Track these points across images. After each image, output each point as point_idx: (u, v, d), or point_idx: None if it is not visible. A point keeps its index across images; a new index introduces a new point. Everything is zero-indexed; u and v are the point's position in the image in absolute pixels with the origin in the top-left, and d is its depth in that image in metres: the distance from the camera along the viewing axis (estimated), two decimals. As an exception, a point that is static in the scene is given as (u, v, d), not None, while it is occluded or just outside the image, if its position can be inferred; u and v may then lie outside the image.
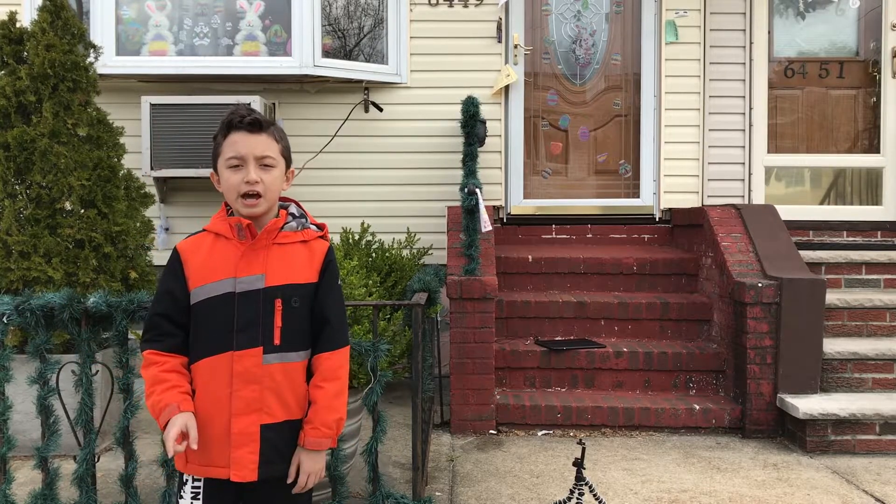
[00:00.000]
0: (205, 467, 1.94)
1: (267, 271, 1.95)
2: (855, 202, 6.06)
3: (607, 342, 4.86)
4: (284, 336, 1.95)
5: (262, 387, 1.92)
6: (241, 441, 1.91)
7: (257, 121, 1.95)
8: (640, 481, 3.68)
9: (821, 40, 6.09)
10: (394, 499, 3.02)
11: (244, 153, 1.93)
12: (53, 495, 2.90)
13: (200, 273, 1.96)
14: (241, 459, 1.91)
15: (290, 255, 1.99)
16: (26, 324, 2.88)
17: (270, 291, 1.94)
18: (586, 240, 5.90)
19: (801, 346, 4.32)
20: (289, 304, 1.96)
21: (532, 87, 6.05)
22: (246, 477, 1.92)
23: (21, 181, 4.02)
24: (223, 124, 1.97)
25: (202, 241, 2.01)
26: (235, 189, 1.93)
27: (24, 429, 3.66)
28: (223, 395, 1.92)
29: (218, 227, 2.00)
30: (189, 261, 1.98)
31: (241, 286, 1.93)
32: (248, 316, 1.93)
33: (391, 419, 4.27)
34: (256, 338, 1.93)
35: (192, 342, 1.97)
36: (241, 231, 1.96)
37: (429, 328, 3.87)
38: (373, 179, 5.74)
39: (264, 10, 5.49)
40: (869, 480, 3.72)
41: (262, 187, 1.93)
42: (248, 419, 1.91)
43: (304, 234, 2.04)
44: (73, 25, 4.17)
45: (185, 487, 1.97)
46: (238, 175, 1.93)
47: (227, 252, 1.96)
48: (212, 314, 1.94)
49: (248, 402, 1.91)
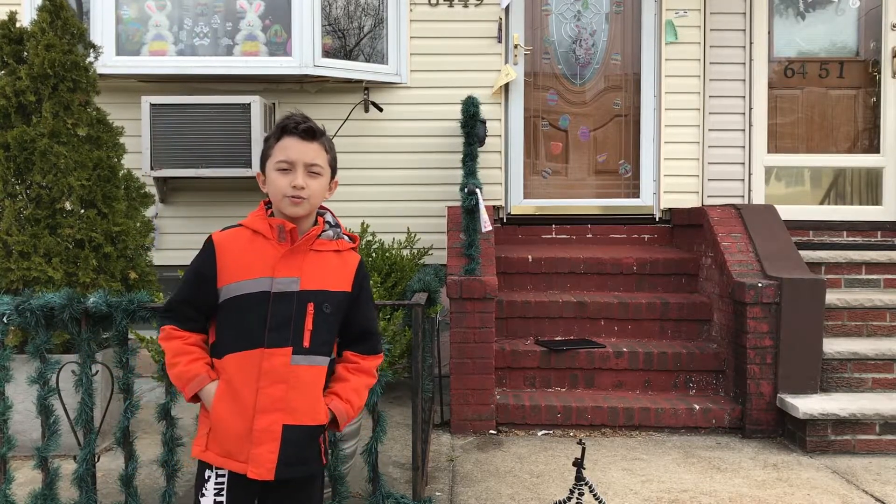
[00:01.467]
0: (223, 458, 1.96)
1: (303, 275, 1.99)
2: (855, 202, 6.06)
3: (607, 342, 4.86)
4: (313, 340, 1.99)
5: (289, 386, 1.96)
6: (262, 438, 1.94)
7: (311, 129, 2.02)
8: (640, 481, 3.68)
9: (821, 40, 6.09)
10: (394, 499, 3.02)
11: (295, 158, 1.98)
12: (53, 495, 2.90)
13: (236, 268, 1.98)
14: (260, 457, 1.93)
15: (324, 263, 2.04)
16: (26, 324, 2.88)
17: (304, 295, 1.99)
18: (586, 240, 5.90)
19: (801, 346, 4.32)
20: (320, 309, 2.00)
21: (532, 87, 6.05)
22: (263, 475, 1.93)
23: (21, 181, 4.02)
24: (278, 128, 2.02)
25: (239, 235, 2.03)
26: (282, 191, 1.98)
27: (24, 429, 3.66)
28: (249, 391, 1.95)
29: (257, 225, 2.03)
30: (224, 254, 2.00)
31: (277, 286, 1.97)
32: (281, 316, 1.96)
33: (391, 419, 4.27)
34: (287, 338, 1.96)
35: (221, 336, 2.01)
36: (283, 233, 1.99)
37: (429, 328, 3.87)
38: (373, 179, 5.74)
39: (264, 9, 5.49)
40: (869, 480, 3.72)
41: (307, 193, 1.98)
42: (272, 417, 1.94)
43: (338, 244, 2.09)
44: (73, 25, 4.16)
45: (209, 484, 1.99)
46: (286, 178, 1.98)
47: (266, 251, 1.99)
48: (245, 310, 1.97)
49: (273, 401, 1.94)
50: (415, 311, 3.12)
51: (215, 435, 1.97)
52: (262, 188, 2.06)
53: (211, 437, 1.98)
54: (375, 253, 4.76)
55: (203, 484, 2.00)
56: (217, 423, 1.96)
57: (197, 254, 2.05)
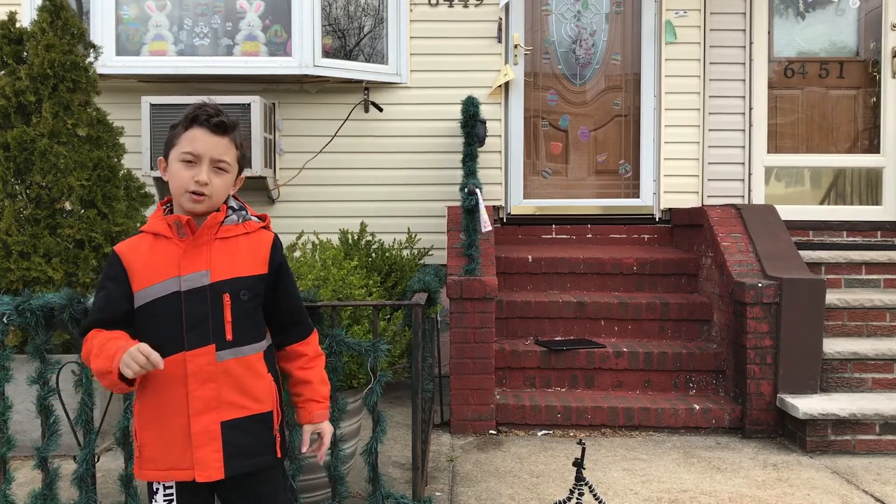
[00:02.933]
0: (168, 471, 1.89)
1: (212, 266, 1.90)
2: (855, 202, 6.06)
3: (607, 342, 4.86)
4: (236, 331, 1.91)
5: (219, 384, 1.89)
6: (202, 441, 1.87)
7: (223, 123, 1.91)
8: (640, 481, 3.68)
9: (821, 40, 6.09)
10: (394, 499, 3.02)
11: (202, 152, 1.89)
12: (53, 495, 2.90)
13: (143, 275, 1.90)
14: (205, 459, 1.87)
15: (233, 249, 1.94)
16: (26, 324, 2.88)
17: (217, 287, 1.90)
18: (586, 240, 5.90)
19: (801, 346, 4.32)
20: (237, 297, 1.92)
21: (532, 87, 6.05)
22: (212, 476, 1.88)
23: (21, 181, 4.02)
24: (186, 117, 1.91)
25: (141, 242, 1.94)
26: (184, 185, 1.88)
27: (24, 429, 3.66)
28: (179, 397, 1.87)
29: (156, 227, 1.94)
30: (130, 263, 1.91)
31: (186, 284, 1.88)
32: (196, 314, 1.88)
33: (391, 419, 4.27)
34: (207, 335, 1.88)
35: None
36: (181, 228, 1.91)
37: (429, 328, 3.87)
38: (373, 179, 5.74)
39: (264, 10, 5.49)
40: (869, 480, 3.72)
41: (209, 189, 1.89)
42: (208, 417, 1.88)
43: (245, 227, 1.98)
44: (73, 25, 4.17)
45: (157, 496, 1.92)
46: (190, 171, 1.88)
47: (169, 251, 1.90)
48: (159, 316, 1.89)
49: (205, 401, 1.88)
50: (415, 311, 3.12)
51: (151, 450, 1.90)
52: (164, 176, 1.95)
53: (146, 456, 1.90)
54: (375, 253, 4.75)
55: (152, 497, 1.94)
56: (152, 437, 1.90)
57: (104, 270, 1.97)
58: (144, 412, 1.92)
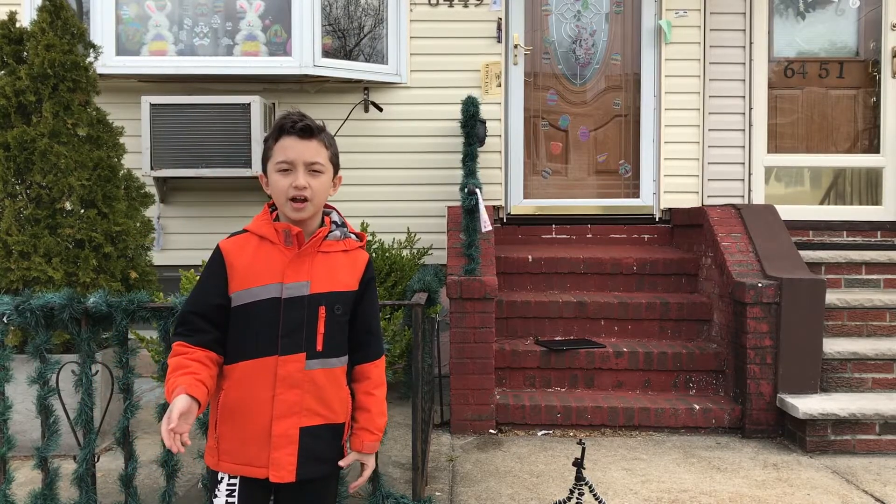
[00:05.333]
0: (241, 466, 1.96)
1: (312, 278, 1.98)
2: (855, 202, 6.06)
3: (607, 342, 4.86)
4: (326, 342, 1.99)
5: (304, 391, 1.95)
6: (281, 443, 1.94)
7: (308, 127, 1.98)
8: (640, 481, 3.68)
9: (820, 40, 6.09)
10: (394, 499, 3.02)
11: (294, 158, 1.96)
12: (53, 495, 2.90)
13: (245, 275, 1.96)
14: (280, 460, 1.94)
15: (333, 264, 2.02)
16: (26, 324, 2.88)
17: (315, 298, 1.97)
18: (586, 240, 5.90)
19: (801, 346, 4.32)
20: (332, 311, 2.00)
21: (532, 87, 6.05)
22: (284, 478, 1.94)
23: (21, 181, 4.02)
24: (275, 128, 1.99)
25: (247, 242, 2.01)
26: (284, 193, 1.96)
27: (24, 429, 3.65)
28: (265, 398, 1.94)
29: (263, 230, 2.00)
30: (233, 261, 1.97)
31: (287, 292, 1.95)
32: (293, 322, 1.96)
33: (391, 419, 4.26)
34: (300, 343, 1.96)
35: (233, 343, 1.98)
36: (289, 238, 1.97)
37: (428, 328, 3.87)
38: (373, 179, 5.74)
39: (264, 9, 5.49)
40: (869, 480, 3.72)
41: (309, 192, 1.95)
42: (289, 422, 1.95)
43: (345, 244, 2.07)
44: (73, 25, 4.16)
45: (220, 486, 1.98)
46: (287, 179, 1.95)
47: (274, 257, 1.97)
48: (256, 318, 1.96)
49: (289, 406, 1.95)
50: (414, 311, 3.12)
51: (229, 444, 1.96)
52: (266, 190, 2.04)
53: (223, 448, 1.97)
54: (375, 253, 4.76)
55: (215, 486, 2.00)
56: (231, 431, 1.96)
57: (206, 263, 2.03)
58: (227, 407, 1.97)
